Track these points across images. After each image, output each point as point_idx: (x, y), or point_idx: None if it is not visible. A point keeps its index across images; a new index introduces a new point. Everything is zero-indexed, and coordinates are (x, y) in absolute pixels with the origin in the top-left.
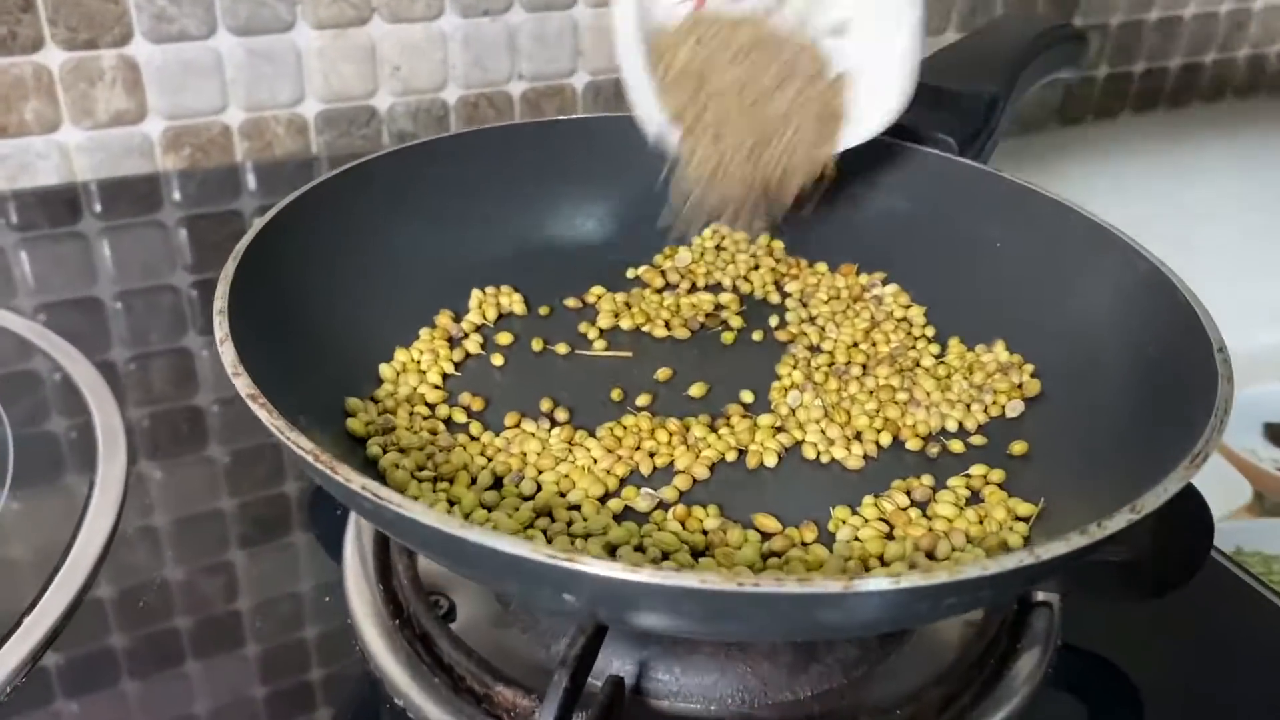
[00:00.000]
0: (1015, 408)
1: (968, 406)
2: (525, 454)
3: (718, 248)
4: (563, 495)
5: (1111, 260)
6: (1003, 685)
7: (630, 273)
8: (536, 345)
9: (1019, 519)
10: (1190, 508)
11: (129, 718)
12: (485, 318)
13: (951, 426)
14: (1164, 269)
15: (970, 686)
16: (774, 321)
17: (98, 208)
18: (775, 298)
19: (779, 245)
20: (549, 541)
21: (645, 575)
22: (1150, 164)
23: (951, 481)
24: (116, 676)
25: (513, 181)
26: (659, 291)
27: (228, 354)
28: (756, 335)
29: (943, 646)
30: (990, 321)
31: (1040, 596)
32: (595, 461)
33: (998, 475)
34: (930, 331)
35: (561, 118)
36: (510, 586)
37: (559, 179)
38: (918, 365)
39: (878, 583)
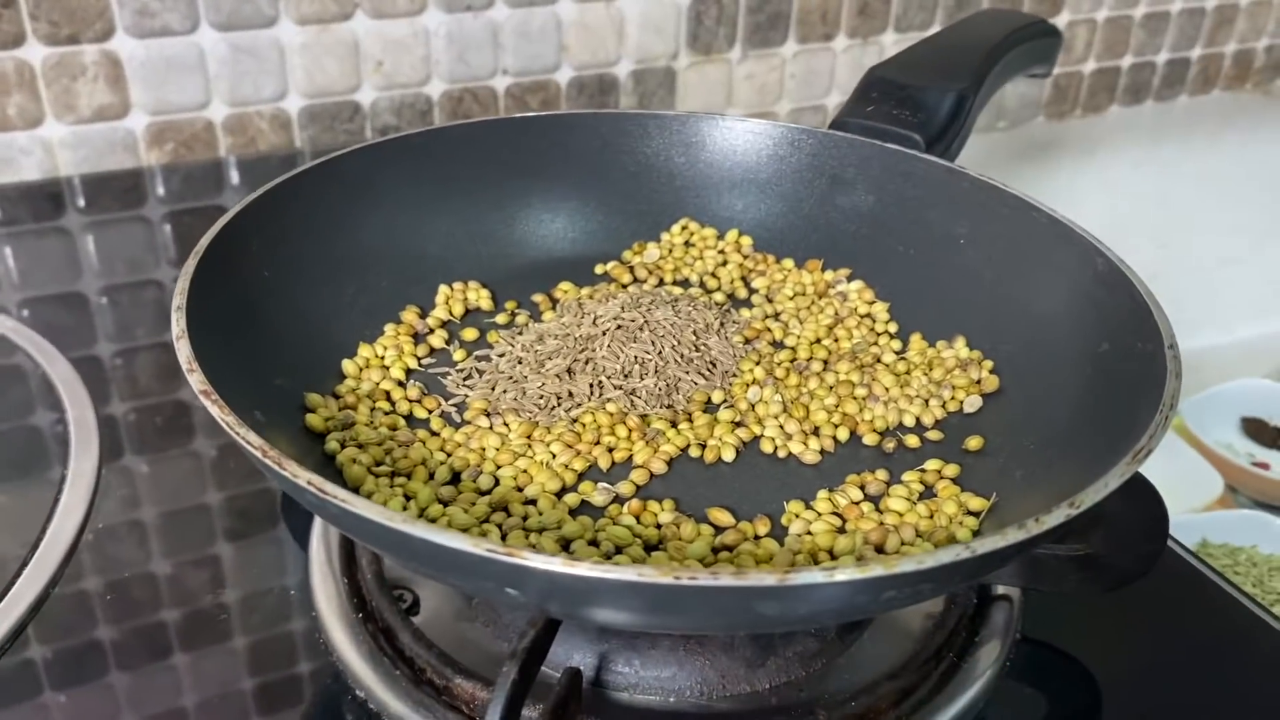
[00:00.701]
0: (973, 403)
1: (926, 402)
2: (484, 449)
3: (686, 244)
4: (520, 490)
5: (1071, 257)
6: (960, 677)
7: (599, 268)
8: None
9: (970, 513)
10: (1146, 502)
11: (95, 711)
12: (451, 313)
13: (909, 422)
14: (1122, 266)
15: (927, 679)
16: (739, 317)
17: (81, 203)
18: (743, 293)
19: (747, 241)
20: (504, 537)
21: (585, 569)
22: (1137, 158)
23: (906, 476)
24: (83, 671)
25: (482, 177)
26: (625, 287)
27: (183, 350)
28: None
29: (902, 639)
30: (952, 318)
31: (1000, 590)
32: (554, 456)
33: (952, 470)
34: (893, 328)
35: (531, 114)
36: (455, 581)
37: (529, 175)
38: (878, 361)
39: (812, 575)
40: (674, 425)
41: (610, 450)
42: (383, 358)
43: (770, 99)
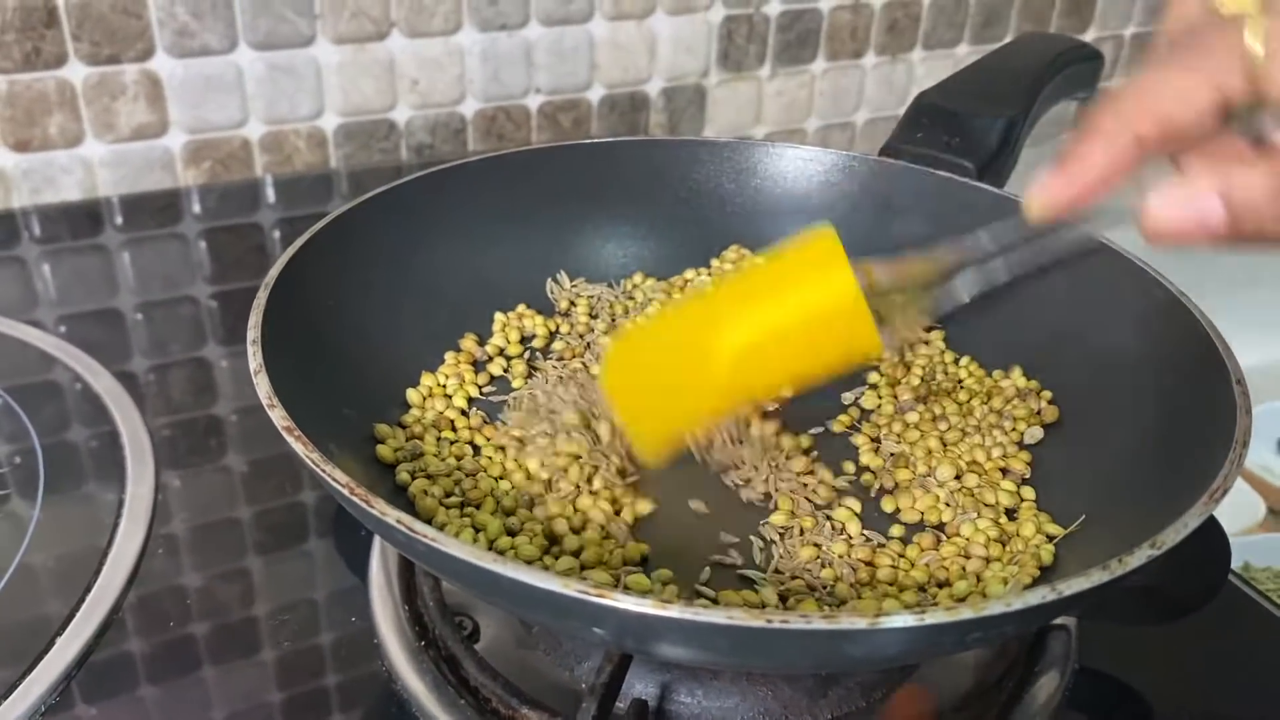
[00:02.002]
0: (1034, 434)
1: (990, 431)
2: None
3: (738, 269)
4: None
5: (1130, 288)
6: (1020, 708)
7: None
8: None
9: (1048, 538)
10: (1208, 536)
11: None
12: (508, 340)
13: (980, 458)
14: (1183, 298)
15: (989, 710)
16: None
17: (119, 221)
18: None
19: None
20: (580, 564)
21: (675, 612)
22: (1165, 171)
23: (976, 506)
24: (142, 685)
25: (537, 204)
26: None
27: (263, 385)
28: None
29: (961, 669)
30: (1008, 348)
31: (1059, 620)
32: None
33: (1029, 492)
34: (949, 357)
35: (586, 141)
36: (541, 618)
37: (582, 201)
38: (945, 393)
39: (902, 619)
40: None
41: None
42: (445, 386)
43: (799, 116)
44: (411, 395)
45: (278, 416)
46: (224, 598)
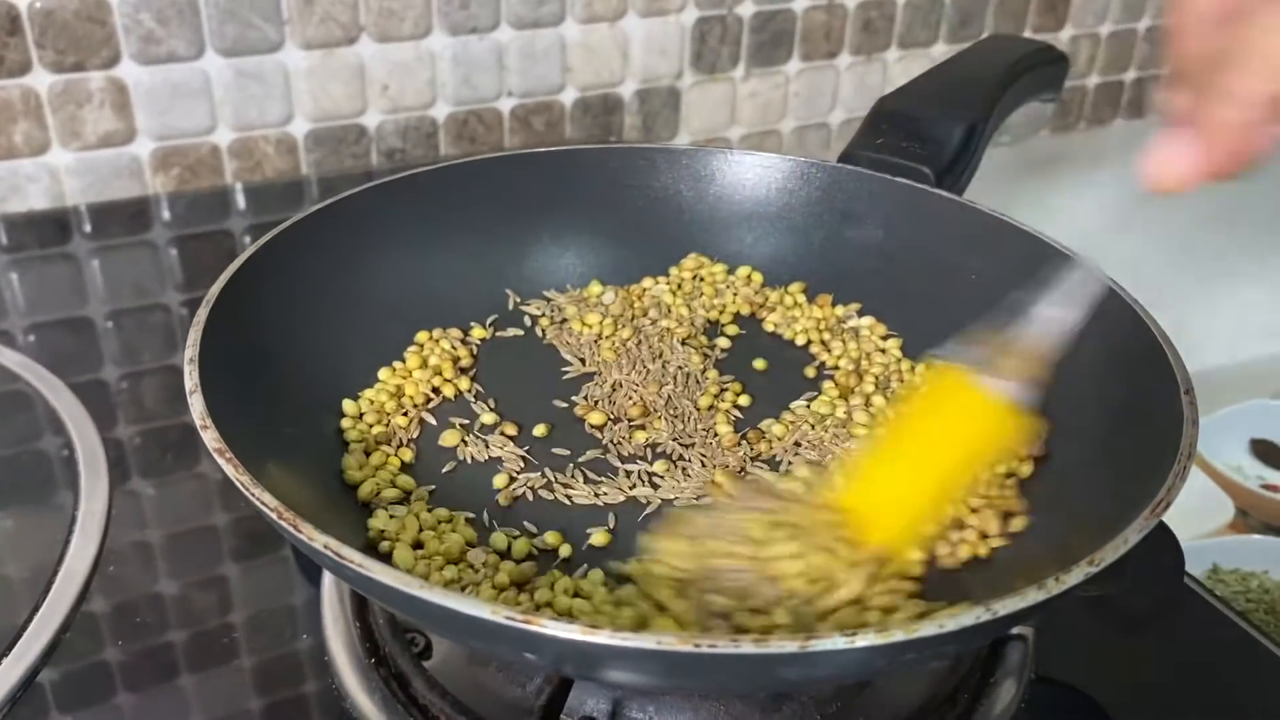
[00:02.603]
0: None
1: None
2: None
3: (696, 278)
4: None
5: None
6: (976, 719)
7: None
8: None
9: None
10: (1162, 546)
11: None
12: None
13: None
14: (1136, 306)
15: None
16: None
17: (88, 229)
18: (752, 329)
19: (758, 277)
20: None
21: (604, 637)
22: (1111, 173)
23: None
24: (91, 703)
25: (491, 213)
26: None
27: (196, 405)
28: (759, 364)
29: (916, 681)
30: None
31: (1015, 630)
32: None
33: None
34: (906, 365)
35: (539, 149)
36: (475, 644)
37: (538, 210)
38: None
39: (832, 642)
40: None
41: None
42: (406, 390)
43: (774, 117)
44: (348, 406)
45: (209, 438)
46: (174, 613)
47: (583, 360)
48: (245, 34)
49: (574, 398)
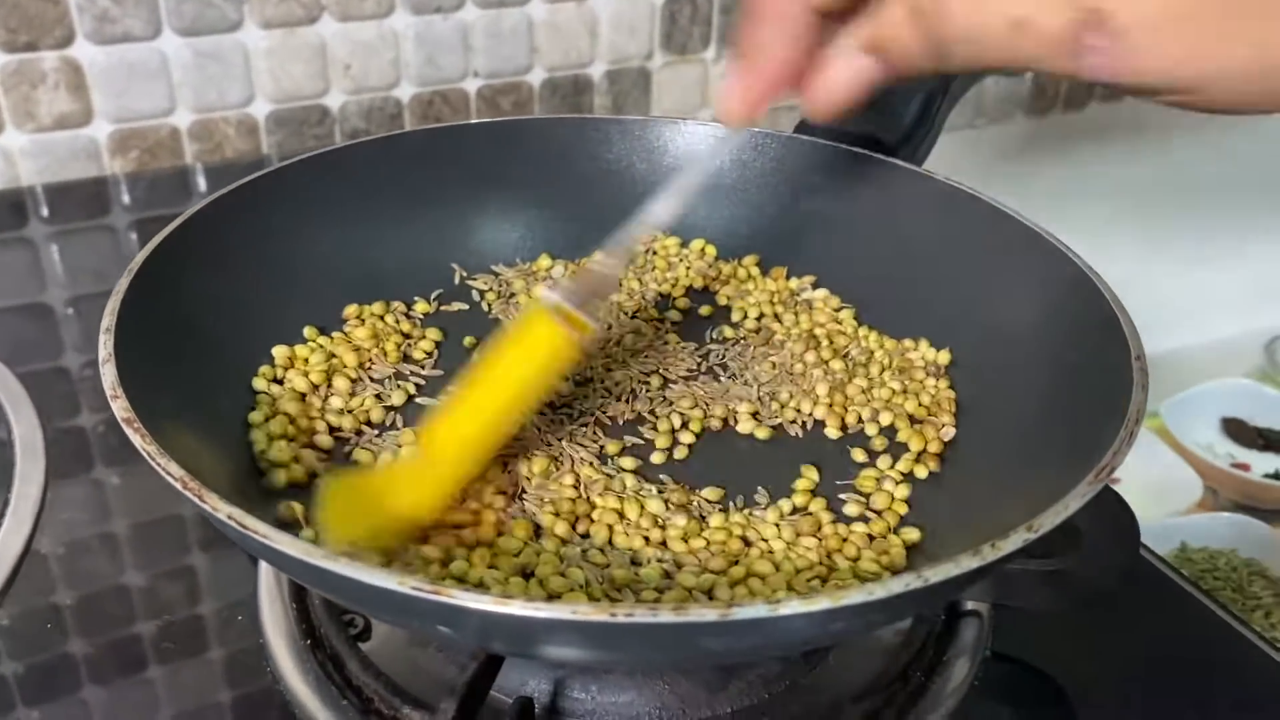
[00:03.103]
0: (949, 433)
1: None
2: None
3: (650, 252)
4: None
5: (1040, 263)
6: (929, 698)
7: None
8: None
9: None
10: (1116, 516)
11: None
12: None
13: (885, 421)
14: (1090, 273)
15: (894, 701)
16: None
17: (45, 212)
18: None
19: (711, 251)
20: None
21: (518, 608)
22: (1118, 155)
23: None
24: (19, 696)
25: (439, 185)
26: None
27: (108, 375)
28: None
29: (870, 658)
30: (919, 325)
31: (970, 606)
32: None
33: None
34: (862, 331)
35: (489, 120)
36: (386, 618)
37: (487, 182)
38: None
39: (755, 610)
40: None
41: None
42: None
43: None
44: (259, 381)
45: (119, 407)
46: (106, 591)
47: None
48: (203, 13)
49: None
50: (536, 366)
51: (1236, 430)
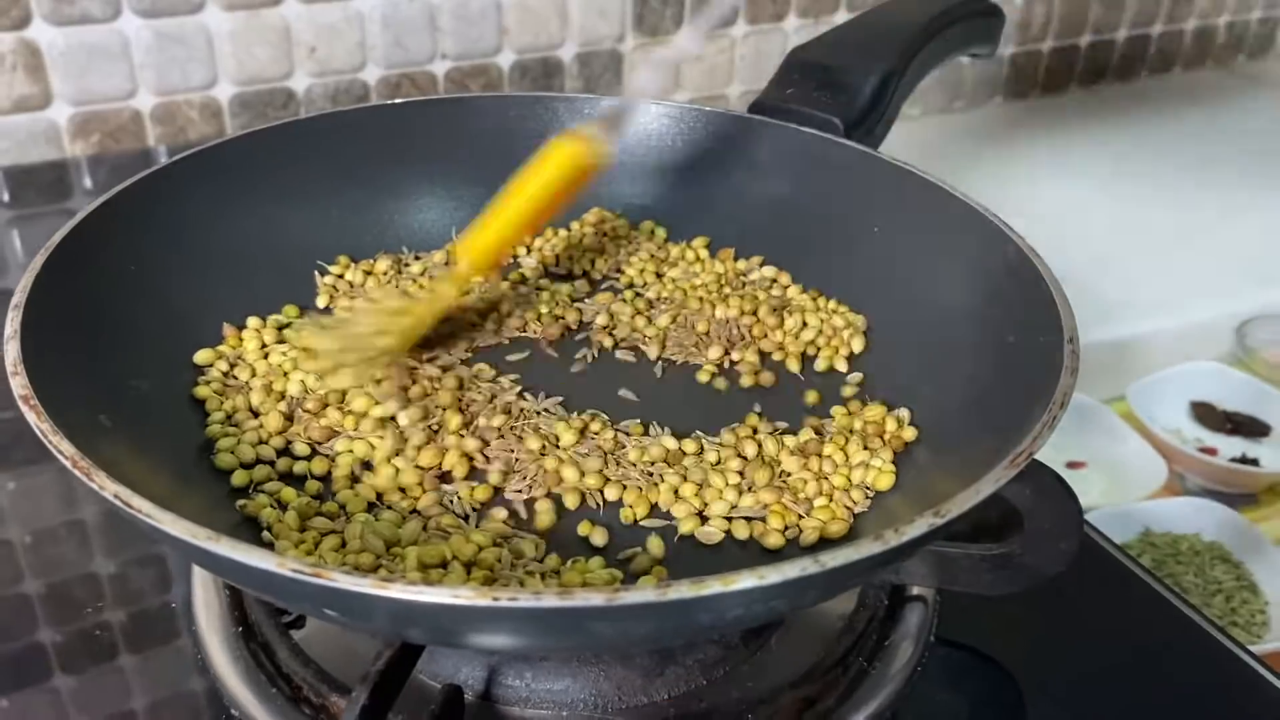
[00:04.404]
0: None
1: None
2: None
3: (600, 234)
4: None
5: (982, 244)
6: (869, 684)
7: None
8: None
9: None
10: (1059, 499)
11: None
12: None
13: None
14: (1031, 255)
15: (834, 687)
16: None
17: (5, 196)
18: (654, 284)
19: (661, 233)
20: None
21: (397, 591)
22: (1097, 138)
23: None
24: None
25: (378, 164)
26: (516, 285)
27: (10, 351)
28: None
29: (811, 642)
30: (863, 305)
31: (914, 590)
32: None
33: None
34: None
35: (431, 97)
36: (275, 601)
37: (429, 161)
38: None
39: (643, 594)
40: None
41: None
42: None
43: (720, 82)
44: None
45: (18, 385)
46: (47, 592)
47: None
48: None
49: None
50: (555, 177)
51: (1205, 414)
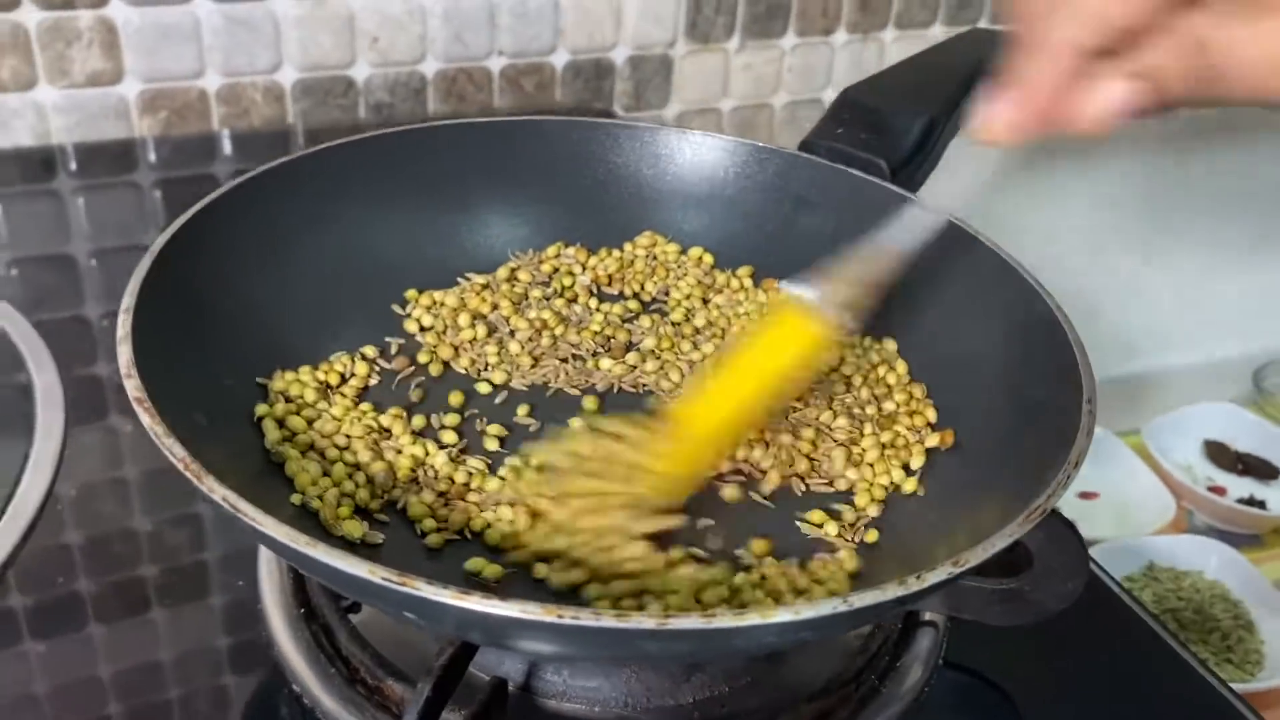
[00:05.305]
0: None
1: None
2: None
3: (650, 257)
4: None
5: (1012, 297)
6: (880, 700)
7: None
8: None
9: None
10: (1068, 542)
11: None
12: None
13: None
14: (1058, 313)
15: (847, 702)
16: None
17: (73, 167)
18: (700, 310)
19: (709, 259)
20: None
21: (474, 603)
22: (1127, 166)
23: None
24: (44, 627)
25: (448, 180)
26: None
27: (124, 354)
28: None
29: (829, 658)
30: (893, 337)
31: (927, 616)
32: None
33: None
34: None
35: (501, 119)
36: (362, 600)
37: (496, 179)
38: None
39: (689, 621)
40: None
41: None
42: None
43: (767, 91)
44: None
45: (131, 387)
46: (120, 554)
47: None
48: None
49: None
50: (790, 355)
51: (1217, 453)
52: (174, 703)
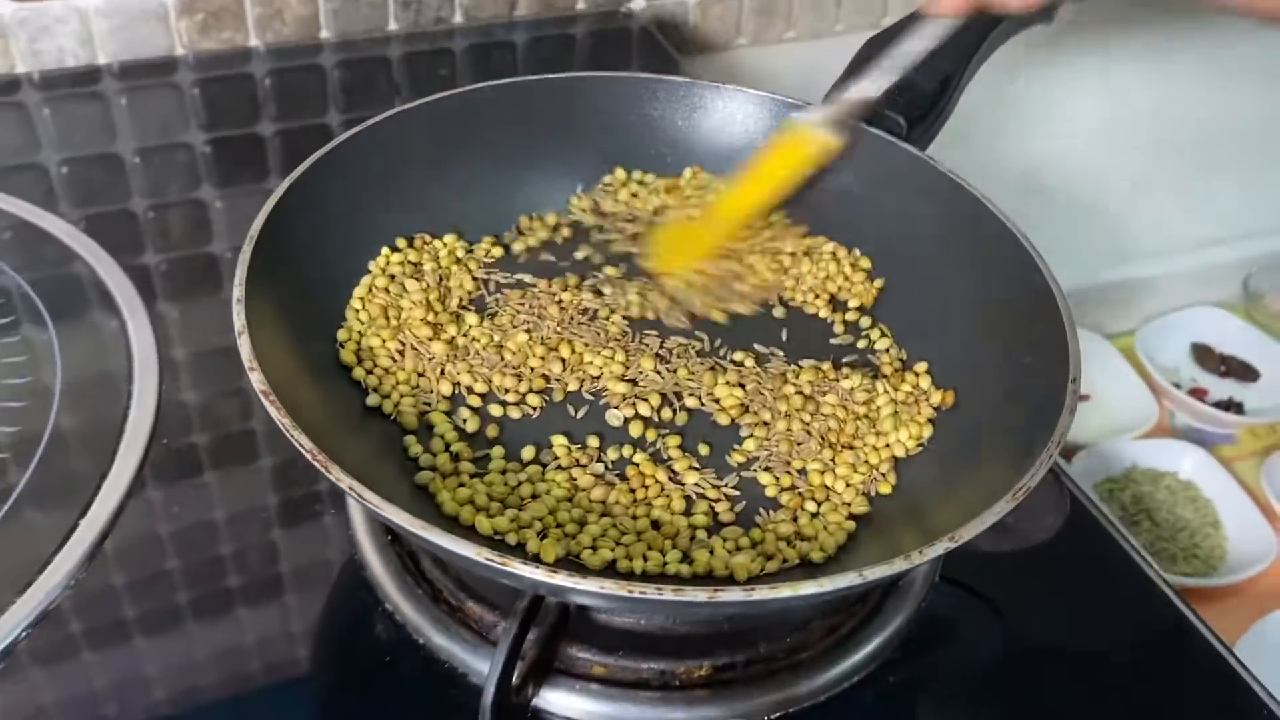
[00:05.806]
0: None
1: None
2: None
3: (698, 189)
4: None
5: (1013, 266)
6: (884, 615)
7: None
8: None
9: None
10: (1053, 487)
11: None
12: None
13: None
14: (1054, 288)
15: (854, 615)
16: None
17: (116, 69)
18: None
19: None
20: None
21: (561, 580)
22: (1139, 52)
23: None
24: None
25: (498, 138)
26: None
27: (245, 347)
28: None
29: None
30: (900, 306)
31: None
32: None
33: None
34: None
35: (545, 76)
36: (469, 569)
37: (547, 135)
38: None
39: (733, 594)
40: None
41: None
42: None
43: (828, 21)
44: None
45: (256, 380)
46: (224, 491)
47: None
48: None
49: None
50: (791, 165)
51: (1202, 355)
52: (277, 615)
